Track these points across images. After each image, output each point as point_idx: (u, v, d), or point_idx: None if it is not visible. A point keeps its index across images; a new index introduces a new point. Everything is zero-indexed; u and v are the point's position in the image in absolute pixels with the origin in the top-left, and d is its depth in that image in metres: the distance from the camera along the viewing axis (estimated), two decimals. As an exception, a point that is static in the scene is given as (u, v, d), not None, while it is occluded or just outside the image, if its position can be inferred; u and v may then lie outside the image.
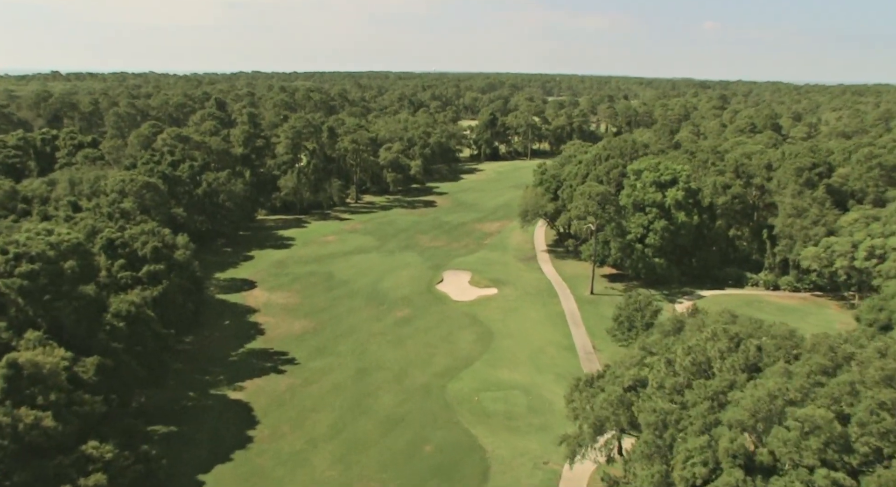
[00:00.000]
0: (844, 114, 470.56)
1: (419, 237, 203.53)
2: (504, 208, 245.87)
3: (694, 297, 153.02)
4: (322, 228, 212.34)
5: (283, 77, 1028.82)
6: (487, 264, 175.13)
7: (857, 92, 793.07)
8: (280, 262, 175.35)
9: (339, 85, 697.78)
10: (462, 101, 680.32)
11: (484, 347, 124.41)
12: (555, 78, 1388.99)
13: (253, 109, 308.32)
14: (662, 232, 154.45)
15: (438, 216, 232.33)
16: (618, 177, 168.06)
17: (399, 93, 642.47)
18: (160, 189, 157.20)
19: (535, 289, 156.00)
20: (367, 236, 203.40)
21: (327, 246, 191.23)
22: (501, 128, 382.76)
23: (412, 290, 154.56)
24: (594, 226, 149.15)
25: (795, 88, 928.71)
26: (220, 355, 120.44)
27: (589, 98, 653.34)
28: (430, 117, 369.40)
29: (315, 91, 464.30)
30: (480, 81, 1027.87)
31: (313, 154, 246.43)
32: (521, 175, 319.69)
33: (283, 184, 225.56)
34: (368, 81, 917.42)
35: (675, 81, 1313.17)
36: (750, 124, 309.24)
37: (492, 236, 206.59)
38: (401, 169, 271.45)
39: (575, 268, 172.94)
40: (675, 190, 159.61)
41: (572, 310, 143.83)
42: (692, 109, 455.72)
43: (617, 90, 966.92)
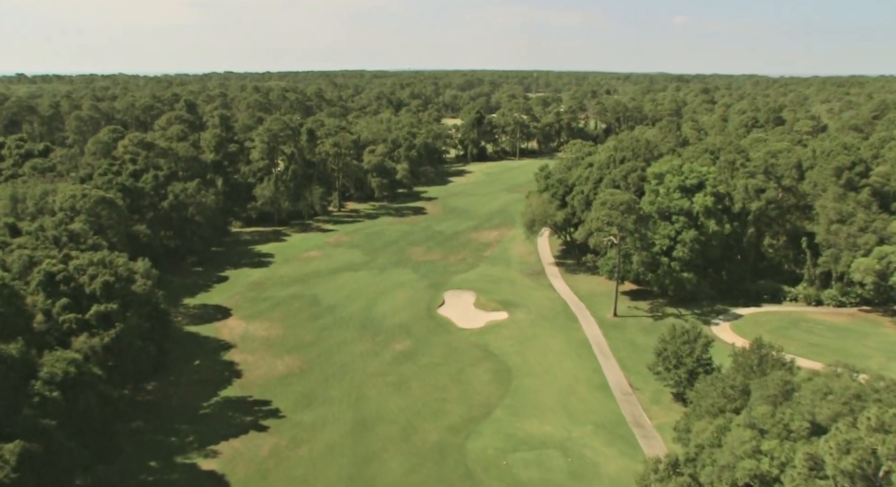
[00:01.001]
0: (836, 106, 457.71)
1: (411, 250, 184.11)
2: (500, 214, 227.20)
3: (730, 317, 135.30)
4: (303, 242, 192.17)
5: (256, 77, 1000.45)
6: (492, 281, 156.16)
7: (837, 83, 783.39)
8: (258, 284, 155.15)
9: (314, 84, 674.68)
10: (442, 99, 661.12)
11: (503, 389, 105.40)
12: (532, 74, 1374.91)
13: (225, 111, 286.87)
14: (692, 243, 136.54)
15: (430, 225, 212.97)
16: (637, 181, 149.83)
17: (377, 91, 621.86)
18: (118, 205, 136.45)
19: (550, 312, 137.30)
20: (354, 250, 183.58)
21: (310, 263, 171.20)
22: (488, 126, 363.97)
23: (410, 316, 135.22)
24: (616, 238, 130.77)
25: (774, 81, 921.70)
26: (188, 407, 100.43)
27: (571, 94, 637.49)
28: (413, 116, 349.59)
29: (290, 91, 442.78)
30: (458, 79, 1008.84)
31: (291, 159, 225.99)
32: (513, 176, 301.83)
33: (259, 193, 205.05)
34: (344, 80, 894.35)
35: (653, 76, 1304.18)
36: (752, 118, 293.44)
37: (491, 247, 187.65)
38: (386, 173, 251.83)
39: (590, 284, 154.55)
40: (702, 195, 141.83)
41: (596, 337, 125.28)
42: (682, 104, 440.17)
43: (597, 85, 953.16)
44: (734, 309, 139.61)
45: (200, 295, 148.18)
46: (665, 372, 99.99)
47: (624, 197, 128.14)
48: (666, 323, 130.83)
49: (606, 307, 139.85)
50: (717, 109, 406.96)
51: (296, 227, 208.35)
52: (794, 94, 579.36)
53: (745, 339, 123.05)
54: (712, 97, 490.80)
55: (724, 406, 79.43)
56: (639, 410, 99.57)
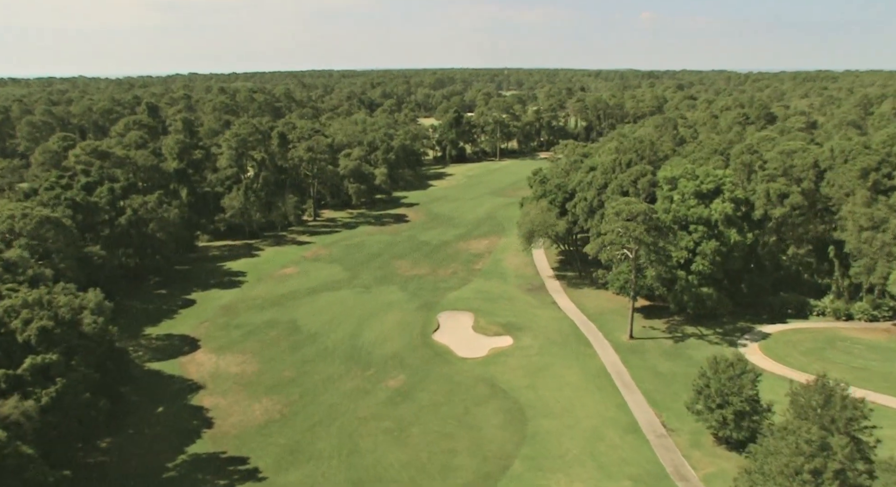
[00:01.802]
0: (816, 101, 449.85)
1: (396, 264, 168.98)
2: (488, 221, 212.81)
3: (756, 336, 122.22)
4: (278, 256, 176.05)
5: (222, 78, 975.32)
6: (489, 300, 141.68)
7: (808, 78, 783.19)
8: (229, 308, 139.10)
9: (282, 85, 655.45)
10: (414, 98, 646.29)
11: (518, 434, 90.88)
12: (502, 72, 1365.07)
13: (189, 115, 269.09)
14: (713, 255, 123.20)
15: (414, 234, 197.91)
16: (648, 187, 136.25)
17: (347, 91, 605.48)
18: (66, 225, 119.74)
19: (559, 335, 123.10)
20: (334, 265, 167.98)
21: (287, 281, 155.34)
22: (467, 126, 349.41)
23: (403, 344, 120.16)
24: (632, 252, 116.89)
25: (746, 76, 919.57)
26: (150, 468, 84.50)
27: (547, 91, 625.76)
28: (389, 117, 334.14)
29: (258, 92, 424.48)
30: (428, 77, 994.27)
31: (262, 165, 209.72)
32: (496, 179, 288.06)
33: (227, 204, 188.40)
34: (312, 80, 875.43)
35: (622, 72, 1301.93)
36: (743, 115, 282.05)
37: (483, 258, 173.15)
38: (364, 178, 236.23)
39: (598, 301, 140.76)
40: (720, 201, 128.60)
41: (614, 364, 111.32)
42: (663, 101, 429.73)
43: (569, 82, 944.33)
44: (759, 326, 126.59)
45: (164, 322, 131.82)
46: (707, 412, 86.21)
47: (640, 206, 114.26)
48: (689, 345, 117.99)
49: (619, 327, 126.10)
50: (700, 105, 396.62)
51: (269, 240, 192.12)
52: (772, 90, 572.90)
53: (777, 362, 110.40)
54: (692, 93, 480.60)
55: (800, 466, 65.95)
56: (679, 457, 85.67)
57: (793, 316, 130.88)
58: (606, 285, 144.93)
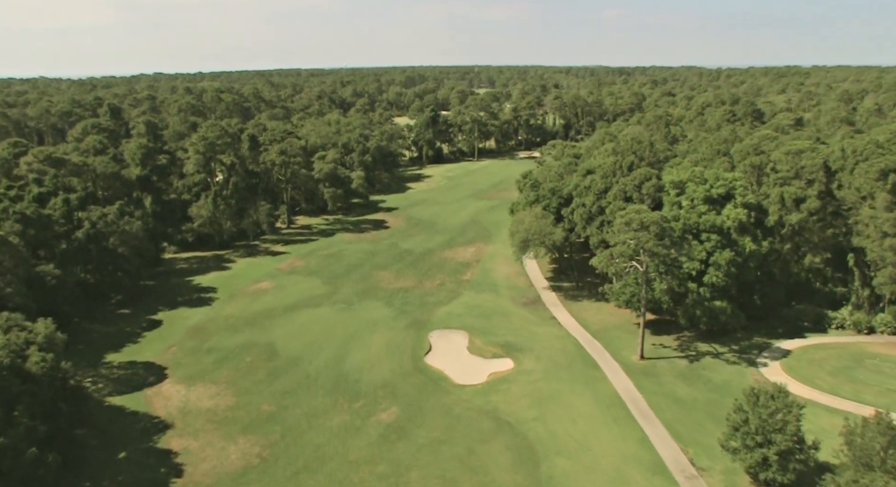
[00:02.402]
0: (794, 97, 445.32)
1: (379, 275, 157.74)
2: (472, 227, 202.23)
3: (776, 353, 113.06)
4: (251, 269, 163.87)
5: (188, 78, 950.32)
6: (482, 315, 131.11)
7: (780, 74, 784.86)
8: (199, 330, 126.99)
9: (250, 84, 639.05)
10: (386, 97, 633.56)
11: (531, 478, 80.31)
12: (472, 69, 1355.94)
13: (153, 117, 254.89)
14: (727, 266, 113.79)
15: (395, 242, 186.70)
16: (653, 192, 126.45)
17: (317, 90, 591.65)
18: (12, 244, 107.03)
19: (564, 356, 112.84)
20: (312, 278, 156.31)
21: (261, 297, 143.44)
22: (443, 125, 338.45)
23: (393, 369, 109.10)
24: (643, 265, 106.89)
25: (718, 72, 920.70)
26: (109, 532, 72.88)
27: (521, 89, 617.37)
28: (364, 117, 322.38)
29: (225, 91, 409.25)
30: (398, 75, 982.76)
31: (232, 170, 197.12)
32: (476, 180, 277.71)
33: (195, 213, 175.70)
34: (281, 79, 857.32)
35: (593, 69, 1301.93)
36: (729, 112, 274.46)
37: (471, 268, 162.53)
38: (339, 182, 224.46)
39: (599, 315, 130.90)
40: (732, 207, 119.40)
41: (628, 390, 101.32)
42: (641, 98, 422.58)
43: (541, 79, 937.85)
44: (776, 341, 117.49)
45: (127, 348, 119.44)
46: (745, 451, 76.19)
47: (653, 215, 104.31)
48: (705, 366, 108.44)
49: (627, 345, 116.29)
50: (680, 102, 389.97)
51: (240, 251, 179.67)
52: (748, 85, 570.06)
53: (804, 385, 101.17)
54: (670, 90, 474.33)
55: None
56: (715, 503, 75.86)
57: (810, 330, 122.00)
58: (607, 297, 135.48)
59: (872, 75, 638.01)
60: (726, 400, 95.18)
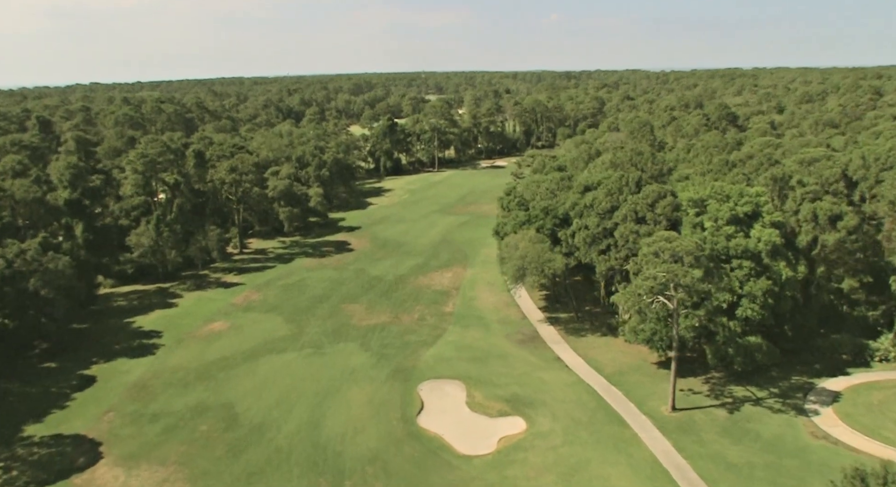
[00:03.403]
0: (751, 98, 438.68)
1: (349, 309, 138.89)
2: (445, 247, 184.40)
3: (821, 395, 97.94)
4: (201, 305, 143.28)
5: (126, 88, 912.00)
6: (477, 359, 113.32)
7: (727, 76, 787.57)
8: (141, 387, 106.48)
9: (191, 93, 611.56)
10: (335, 104, 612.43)
11: None
12: (420, 75, 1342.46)
13: (84, 132, 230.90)
14: (764, 296, 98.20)
15: (363, 267, 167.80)
16: (670, 212, 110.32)
17: (263, 99, 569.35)
18: None
19: (583, 410, 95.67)
20: (272, 315, 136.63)
21: (215, 342, 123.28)
22: (401, 134, 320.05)
23: (381, 436, 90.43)
24: (674, 302, 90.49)
25: (665, 75, 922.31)
26: None
27: (473, 94, 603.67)
28: (318, 127, 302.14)
29: (166, 102, 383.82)
30: (345, 82, 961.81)
31: (176, 190, 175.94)
32: (441, 193, 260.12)
33: (135, 242, 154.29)
34: (223, 88, 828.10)
35: (539, 73, 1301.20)
36: (702, 116, 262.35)
37: (451, 297, 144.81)
38: (296, 200, 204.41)
39: (609, 353, 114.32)
40: (761, 227, 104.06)
41: (668, 453, 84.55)
42: (601, 102, 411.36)
43: (488, 84, 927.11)
44: (818, 380, 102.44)
45: (52, 415, 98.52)
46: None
47: (687, 244, 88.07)
48: (748, 416, 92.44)
49: (651, 392, 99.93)
50: (641, 106, 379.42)
51: (188, 283, 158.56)
52: (702, 88, 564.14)
53: (870, 438, 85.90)
54: (627, 93, 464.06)
55: None
56: None
57: (851, 364, 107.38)
58: (614, 330, 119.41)
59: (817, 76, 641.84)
60: (786, 462, 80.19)
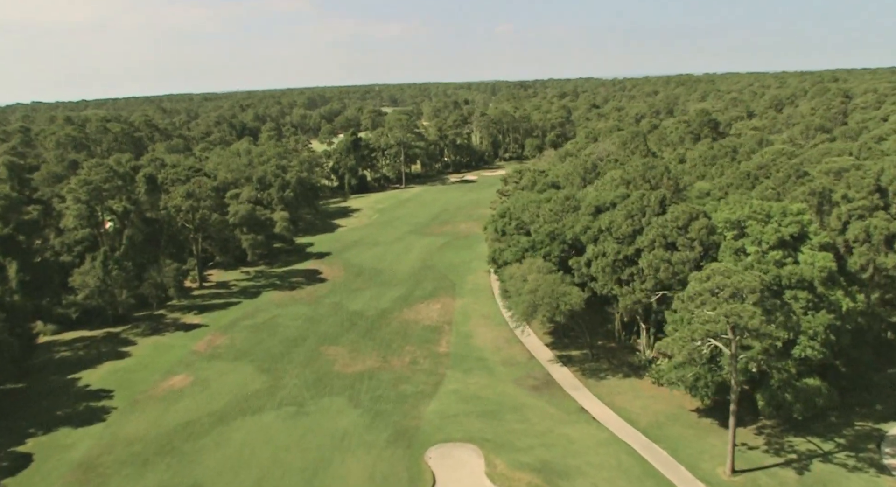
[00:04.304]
0: (717, 104, 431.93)
1: (330, 353, 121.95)
2: (427, 274, 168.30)
3: (894, 444, 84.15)
4: (158, 354, 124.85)
5: (69, 107, 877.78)
6: (488, 414, 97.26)
7: (682, 82, 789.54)
8: (89, 468, 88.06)
9: (139, 111, 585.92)
10: (290, 119, 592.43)
11: None
12: (374, 88, 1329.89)
13: (18, 157, 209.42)
14: (826, 333, 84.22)
15: (339, 301, 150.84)
16: (705, 235, 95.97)
17: (215, 115, 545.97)
18: None
19: (626, 478, 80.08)
20: (242, 363, 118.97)
21: (177, 402, 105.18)
22: (366, 150, 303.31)
23: (390, 526, 74.07)
24: (733, 346, 75.87)
25: (621, 82, 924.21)
26: None
27: (432, 106, 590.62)
28: (278, 144, 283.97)
29: (112, 121, 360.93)
30: (298, 97, 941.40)
31: (126, 220, 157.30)
32: (412, 212, 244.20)
33: (79, 282, 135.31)
34: (172, 105, 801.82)
35: (492, 84, 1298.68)
36: (685, 124, 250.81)
37: (444, 334, 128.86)
38: (260, 226, 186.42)
39: (639, 399, 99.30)
40: (810, 251, 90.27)
41: (739, 538, 69.63)
42: (568, 111, 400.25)
43: (444, 95, 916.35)
44: (886, 426, 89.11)
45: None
46: None
47: (750, 279, 73.52)
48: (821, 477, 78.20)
49: (698, 448, 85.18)
50: (610, 115, 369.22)
51: (142, 326, 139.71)
52: (664, 94, 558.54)
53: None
54: (594, 102, 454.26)
55: None
56: None
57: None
58: (637, 370, 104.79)
59: (771, 80, 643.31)
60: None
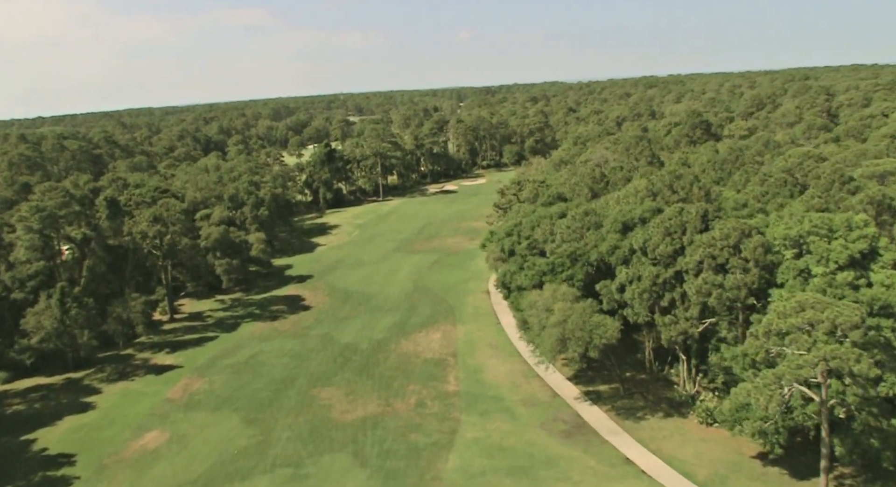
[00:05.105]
0: (696, 105, 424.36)
1: (324, 396, 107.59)
2: (422, 297, 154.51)
3: None
4: (127, 404, 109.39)
5: (25, 124, 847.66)
6: (519, 471, 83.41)
7: (649, 84, 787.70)
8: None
9: (98, 127, 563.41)
10: (256, 132, 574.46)
11: None
12: (338, 97, 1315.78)
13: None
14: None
15: (328, 332, 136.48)
16: (762, 255, 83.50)
17: (178, 129, 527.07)
18: None
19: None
20: (224, 413, 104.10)
21: (152, 467, 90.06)
22: (341, 161, 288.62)
23: None
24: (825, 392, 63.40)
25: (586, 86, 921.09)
26: None
27: (403, 114, 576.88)
28: (249, 159, 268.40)
29: (70, 138, 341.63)
30: (262, 108, 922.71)
31: (85, 248, 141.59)
32: (395, 227, 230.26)
33: (33, 324, 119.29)
34: (133, 120, 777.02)
35: (459, 90, 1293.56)
36: (675, 125, 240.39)
37: (449, 368, 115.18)
38: (234, 249, 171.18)
39: (688, 443, 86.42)
40: (883, 270, 78.47)
41: None
42: (546, 115, 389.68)
43: (411, 103, 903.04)
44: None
45: None
46: None
47: (851, 313, 61.19)
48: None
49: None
50: (590, 118, 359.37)
51: (107, 370, 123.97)
52: (637, 97, 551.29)
53: None
54: (570, 106, 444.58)
55: None
56: None
57: None
58: (678, 407, 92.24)
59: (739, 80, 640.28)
60: None
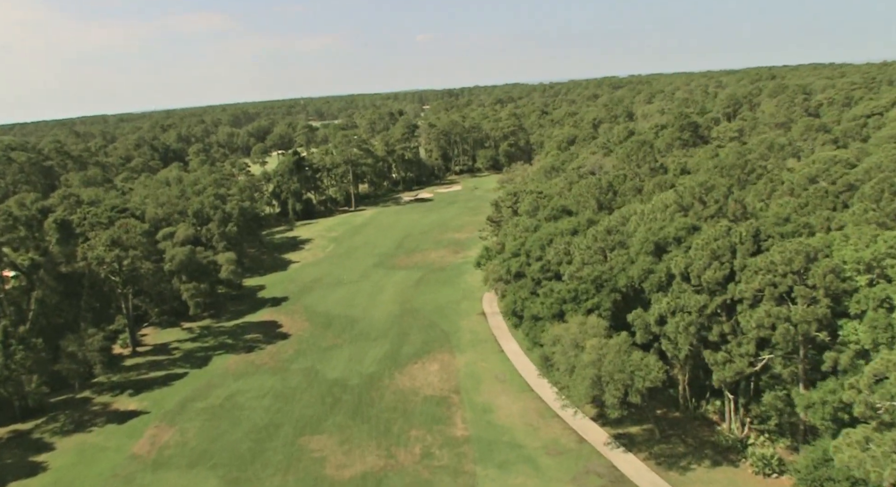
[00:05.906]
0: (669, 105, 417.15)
1: (313, 447, 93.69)
2: (411, 320, 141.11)
3: None
4: (84, 464, 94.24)
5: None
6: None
7: (614, 85, 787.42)
8: None
9: (50, 136, 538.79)
10: (216, 139, 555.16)
11: None
12: (298, 102, 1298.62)
13: None
14: None
15: (312, 366, 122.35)
16: (832, 282, 71.78)
17: (135, 138, 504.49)
18: None
19: None
20: (200, 472, 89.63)
21: (115, 549, 75.65)
22: (310, 170, 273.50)
23: None
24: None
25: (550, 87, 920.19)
26: None
27: (368, 119, 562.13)
28: (214, 170, 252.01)
29: (18, 148, 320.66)
30: (221, 114, 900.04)
31: (33, 277, 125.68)
32: (372, 240, 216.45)
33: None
34: (86, 128, 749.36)
35: (422, 92, 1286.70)
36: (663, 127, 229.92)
37: (454, 408, 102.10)
38: (202, 272, 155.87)
39: (752, 508, 74.54)
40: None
41: None
42: (519, 118, 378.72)
43: (373, 106, 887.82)
44: None
45: None
46: None
47: None
48: None
49: None
50: (565, 121, 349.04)
51: (61, 419, 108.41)
52: (606, 97, 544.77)
53: None
54: (542, 108, 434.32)
55: None
56: None
57: None
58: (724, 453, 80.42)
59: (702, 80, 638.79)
60: None
